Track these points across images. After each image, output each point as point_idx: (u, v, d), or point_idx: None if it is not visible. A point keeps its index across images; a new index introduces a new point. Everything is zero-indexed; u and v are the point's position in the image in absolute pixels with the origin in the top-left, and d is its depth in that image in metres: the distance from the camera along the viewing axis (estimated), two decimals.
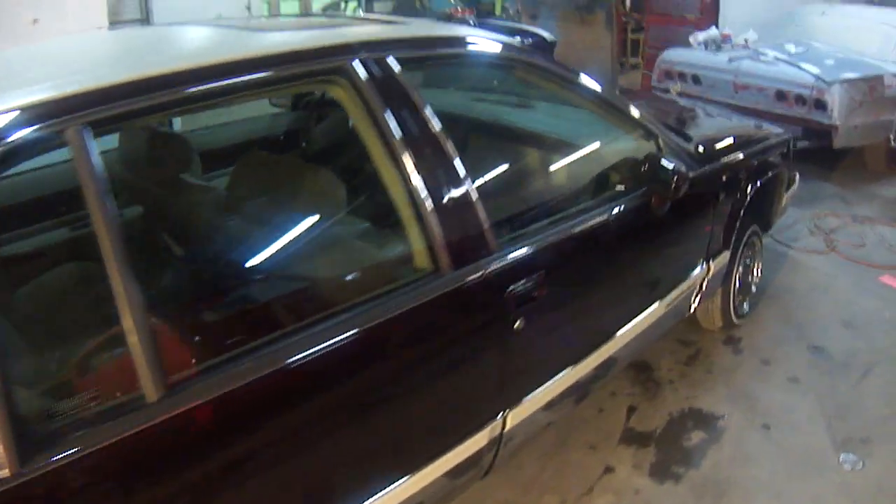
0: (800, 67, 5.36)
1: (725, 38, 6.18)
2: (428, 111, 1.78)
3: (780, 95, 5.40)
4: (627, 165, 2.29)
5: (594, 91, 2.36)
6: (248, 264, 1.82)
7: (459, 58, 2.12)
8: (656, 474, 2.57)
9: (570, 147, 2.62)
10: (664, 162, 2.25)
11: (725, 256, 3.03)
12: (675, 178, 2.22)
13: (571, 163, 2.56)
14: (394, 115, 1.69)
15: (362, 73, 1.70)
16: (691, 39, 6.40)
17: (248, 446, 1.41)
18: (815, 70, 5.29)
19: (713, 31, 6.39)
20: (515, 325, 1.84)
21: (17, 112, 1.25)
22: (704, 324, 3.43)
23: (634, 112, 2.46)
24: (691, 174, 2.45)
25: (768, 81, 5.49)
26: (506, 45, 2.15)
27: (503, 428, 1.95)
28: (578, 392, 2.33)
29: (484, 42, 2.12)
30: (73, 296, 1.81)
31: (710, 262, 2.89)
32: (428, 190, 1.69)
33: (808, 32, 6.18)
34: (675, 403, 2.96)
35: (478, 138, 2.59)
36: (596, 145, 2.61)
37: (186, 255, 2.12)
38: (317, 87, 1.81)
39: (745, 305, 3.53)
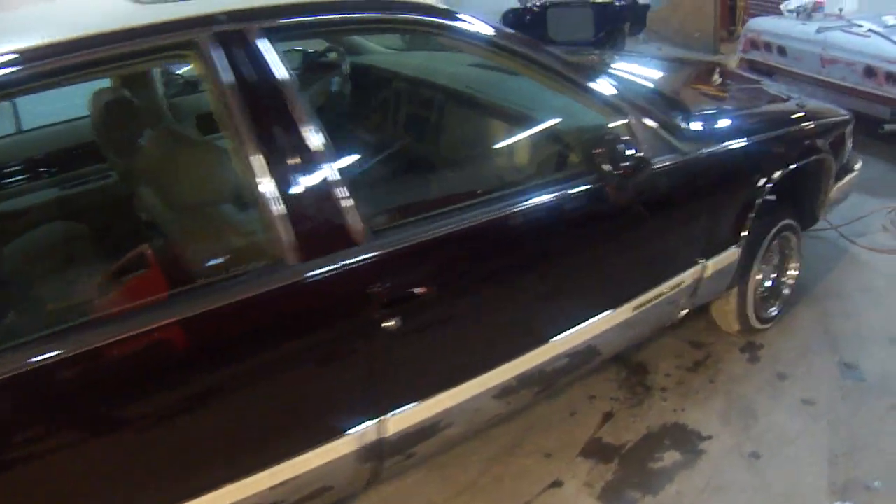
0: (894, 42, 4.70)
1: (818, 6, 5.54)
2: (290, 86, 1.62)
3: (869, 72, 4.77)
4: (579, 147, 1.97)
5: (538, 59, 2.00)
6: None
7: (351, 23, 1.86)
8: (606, 497, 2.27)
9: (497, 126, 2.29)
10: (620, 146, 1.92)
11: (734, 254, 2.63)
12: (628, 165, 1.89)
13: (495, 142, 2.24)
14: (244, 90, 1.55)
15: (214, 47, 1.55)
16: (782, 7, 5.79)
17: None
18: None
19: None
20: (385, 326, 1.60)
21: None
22: (722, 326, 3.06)
23: (601, 87, 2.10)
24: (666, 161, 2.11)
25: (857, 56, 4.86)
26: (411, 8, 1.85)
27: (381, 435, 1.73)
28: (513, 393, 2.07)
29: (385, 5, 1.85)
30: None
31: (708, 261, 2.52)
32: (274, 176, 1.54)
33: None
34: (659, 415, 2.63)
35: (382, 111, 2.33)
36: (535, 122, 2.27)
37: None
38: (172, 62, 1.72)
39: (773, 309, 3.11)
